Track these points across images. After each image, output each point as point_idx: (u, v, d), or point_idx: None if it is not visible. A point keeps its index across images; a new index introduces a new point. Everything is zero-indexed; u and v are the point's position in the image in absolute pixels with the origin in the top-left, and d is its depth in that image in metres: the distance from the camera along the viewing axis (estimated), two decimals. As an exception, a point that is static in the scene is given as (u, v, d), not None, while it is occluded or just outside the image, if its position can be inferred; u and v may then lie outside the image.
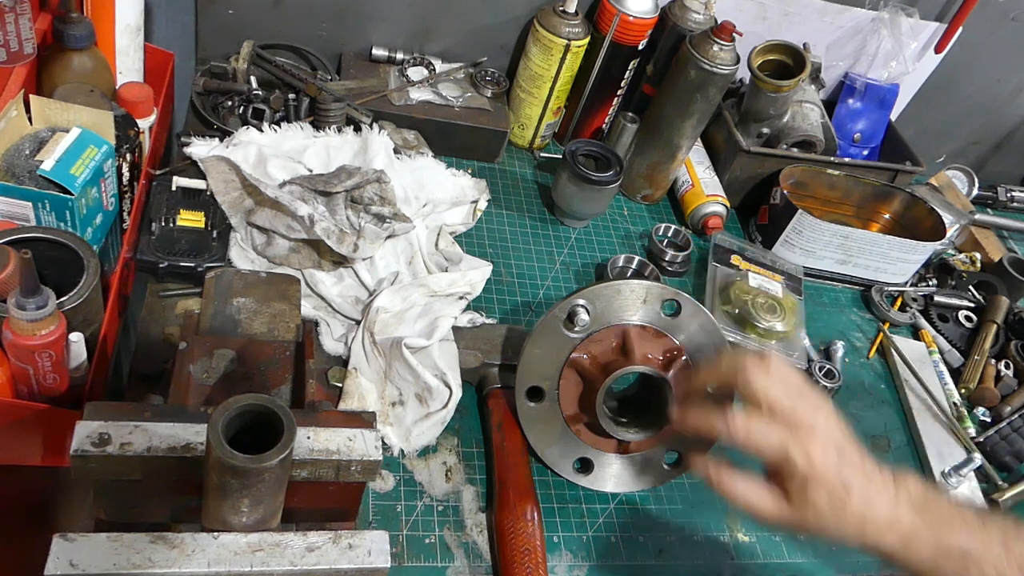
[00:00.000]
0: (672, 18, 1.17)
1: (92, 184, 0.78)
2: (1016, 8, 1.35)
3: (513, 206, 1.18)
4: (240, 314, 0.84)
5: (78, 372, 0.70)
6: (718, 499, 0.89)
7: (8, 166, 0.76)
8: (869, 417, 1.06)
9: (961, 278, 1.29)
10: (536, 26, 1.15)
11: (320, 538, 0.57)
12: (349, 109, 1.09)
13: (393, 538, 0.76)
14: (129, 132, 0.85)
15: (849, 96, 1.39)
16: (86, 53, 0.85)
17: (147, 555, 0.52)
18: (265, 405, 0.52)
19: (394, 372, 0.85)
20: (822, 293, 1.23)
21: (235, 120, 1.08)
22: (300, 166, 1.01)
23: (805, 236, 1.17)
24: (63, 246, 0.71)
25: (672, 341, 0.82)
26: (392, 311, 0.90)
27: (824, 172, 1.26)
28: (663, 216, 1.27)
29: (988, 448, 1.04)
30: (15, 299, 0.61)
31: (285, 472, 0.54)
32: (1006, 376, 1.15)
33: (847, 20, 1.32)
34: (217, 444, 0.49)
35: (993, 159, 1.63)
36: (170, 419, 0.57)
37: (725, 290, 1.11)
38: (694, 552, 0.85)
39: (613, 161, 1.14)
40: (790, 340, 1.08)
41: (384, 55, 1.21)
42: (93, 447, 0.54)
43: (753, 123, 1.26)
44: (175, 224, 0.90)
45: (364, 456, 0.60)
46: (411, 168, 1.07)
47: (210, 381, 0.75)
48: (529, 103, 1.22)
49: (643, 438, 0.83)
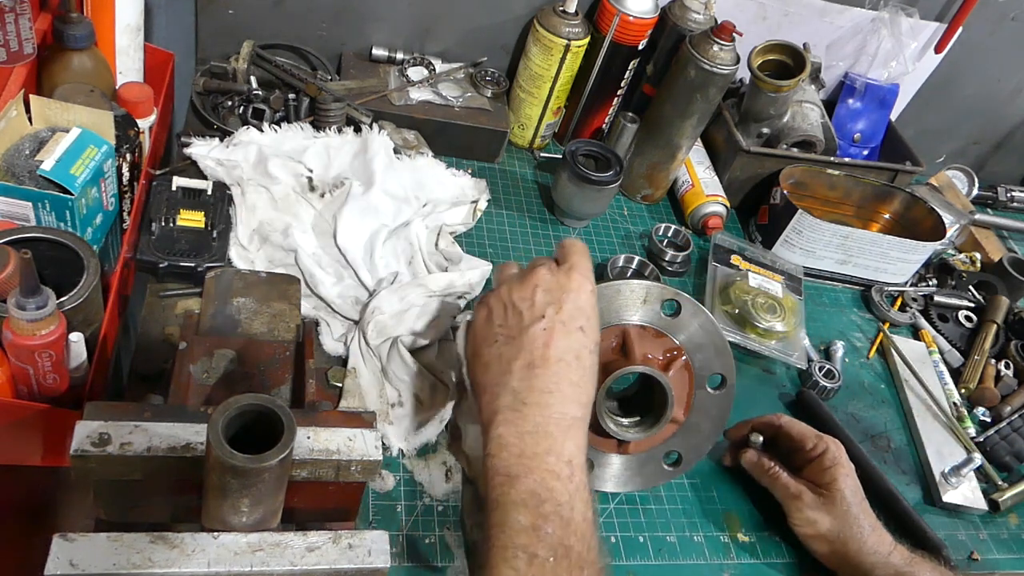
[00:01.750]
0: (672, 18, 1.17)
1: (92, 184, 0.78)
2: (1016, 8, 1.35)
3: (513, 206, 1.18)
4: (240, 314, 0.84)
5: (78, 372, 0.70)
6: (718, 499, 0.90)
7: (8, 166, 0.76)
8: (869, 417, 1.06)
9: (961, 278, 1.29)
10: (536, 26, 1.15)
11: (320, 538, 0.57)
12: (349, 109, 1.09)
13: (393, 538, 0.76)
14: (129, 132, 0.85)
15: (849, 96, 1.39)
16: (86, 53, 0.85)
17: (147, 555, 0.52)
18: (265, 405, 0.52)
19: (392, 372, 0.85)
20: (822, 293, 1.23)
21: (235, 120, 1.08)
22: (300, 166, 1.01)
23: (805, 236, 1.17)
24: (63, 246, 0.71)
25: (672, 341, 0.82)
26: (390, 311, 0.90)
27: (824, 172, 1.26)
28: (663, 216, 1.27)
29: (988, 448, 1.04)
30: (15, 299, 0.61)
31: (285, 472, 0.54)
32: (1006, 376, 1.15)
33: (847, 20, 1.32)
34: (217, 444, 0.49)
35: (993, 159, 1.63)
36: (170, 419, 0.57)
37: (725, 290, 1.11)
38: (694, 552, 0.85)
39: (613, 161, 1.14)
40: (790, 340, 1.08)
41: (384, 55, 1.21)
42: (93, 447, 0.54)
43: (753, 123, 1.26)
44: (175, 224, 0.90)
45: (364, 456, 0.60)
46: (411, 168, 1.07)
47: (210, 381, 0.75)
48: (529, 103, 1.22)
49: (643, 438, 0.83)
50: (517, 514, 0.55)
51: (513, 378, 0.62)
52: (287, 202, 0.98)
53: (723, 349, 0.83)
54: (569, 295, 0.65)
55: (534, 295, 0.65)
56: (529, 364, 0.62)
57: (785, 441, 0.87)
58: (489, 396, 0.62)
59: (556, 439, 0.59)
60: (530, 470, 0.57)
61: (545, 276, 0.66)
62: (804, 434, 0.86)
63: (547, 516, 0.54)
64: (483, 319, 0.67)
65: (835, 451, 0.85)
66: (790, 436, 0.86)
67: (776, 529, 0.88)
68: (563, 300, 0.65)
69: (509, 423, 0.60)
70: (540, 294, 0.65)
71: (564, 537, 0.54)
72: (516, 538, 0.53)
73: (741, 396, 0.93)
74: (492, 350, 0.65)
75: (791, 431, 0.86)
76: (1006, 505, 0.99)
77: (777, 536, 0.88)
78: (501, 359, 0.63)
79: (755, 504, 0.91)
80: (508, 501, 0.55)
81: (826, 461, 0.84)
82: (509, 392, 0.61)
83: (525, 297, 0.65)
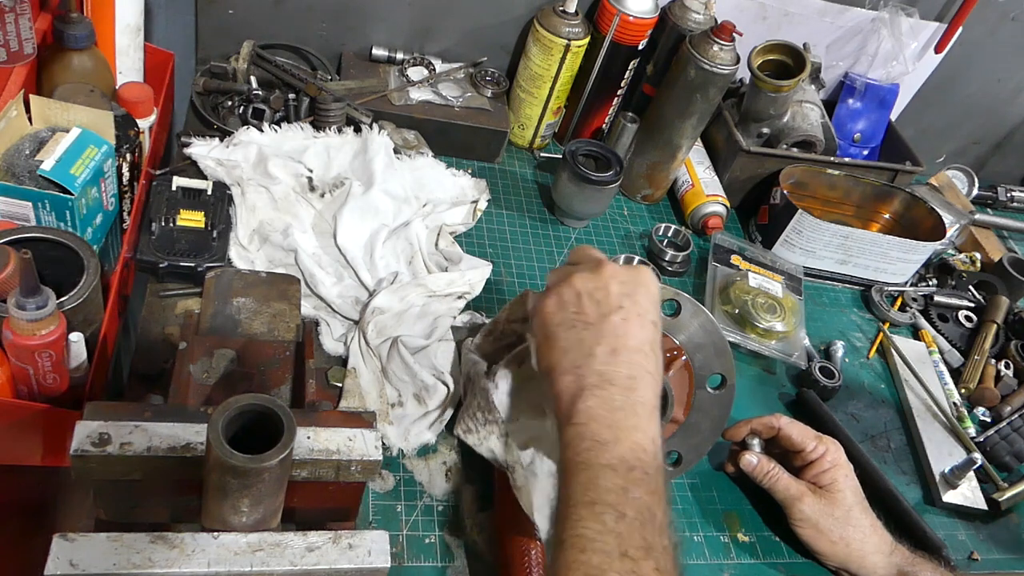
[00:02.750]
0: (672, 18, 1.17)
1: (92, 184, 0.78)
2: (1016, 8, 1.35)
3: (513, 206, 1.18)
4: (240, 314, 0.84)
5: (78, 372, 0.70)
6: (718, 499, 0.90)
7: (8, 166, 0.76)
8: (869, 417, 1.06)
9: (961, 278, 1.29)
10: (536, 26, 1.15)
11: (320, 538, 0.57)
12: (349, 109, 1.09)
13: (393, 538, 0.76)
14: (129, 132, 0.85)
15: (849, 96, 1.39)
16: (86, 53, 0.85)
17: (147, 555, 0.52)
18: (265, 405, 0.52)
19: (392, 372, 0.85)
20: (822, 293, 1.23)
21: (235, 120, 1.08)
22: (300, 166, 1.01)
23: (805, 236, 1.17)
24: (63, 246, 0.71)
25: (672, 341, 0.82)
26: (390, 311, 0.90)
27: (824, 172, 1.26)
28: (663, 216, 1.27)
29: (988, 448, 1.04)
30: (15, 299, 0.61)
31: (285, 472, 0.54)
32: (1006, 376, 1.15)
33: (847, 20, 1.32)
34: (217, 444, 0.49)
35: (993, 159, 1.63)
36: (170, 419, 0.57)
37: (725, 290, 1.11)
38: (694, 552, 0.85)
39: (613, 161, 1.14)
40: (790, 340, 1.08)
41: (384, 55, 1.21)
42: (93, 447, 0.54)
43: (753, 123, 1.26)
44: (175, 224, 0.90)
45: (364, 456, 0.60)
46: (411, 168, 1.07)
47: (210, 381, 0.76)
48: (529, 103, 1.22)
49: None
50: (608, 475, 0.57)
51: (596, 361, 0.63)
52: (287, 202, 0.98)
53: (723, 349, 0.83)
54: (641, 288, 0.67)
55: (609, 285, 0.67)
56: (613, 350, 0.64)
57: (785, 443, 0.87)
58: (572, 376, 0.64)
59: (642, 418, 0.61)
60: (620, 440, 0.59)
61: (617, 269, 0.68)
62: (804, 436, 0.86)
63: (636, 481, 0.57)
64: (554, 305, 0.68)
65: (835, 452, 0.85)
66: (790, 438, 0.86)
67: (776, 529, 0.89)
68: (637, 293, 0.67)
69: (598, 398, 0.61)
70: (616, 285, 0.67)
71: (650, 503, 0.56)
72: (606, 496, 0.56)
73: (741, 396, 0.93)
74: (571, 334, 0.65)
75: (791, 432, 0.86)
76: (1006, 505, 0.99)
77: (777, 536, 0.89)
78: (583, 343, 0.65)
79: (755, 504, 0.91)
80: (598, 463, 0.58)
81: (826, 462, 0.84)
82: (594, 373, 0.63)
83: (600, 287, 0.67)
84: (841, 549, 0.82)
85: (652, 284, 0.68)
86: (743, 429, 0.89)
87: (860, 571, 0.82)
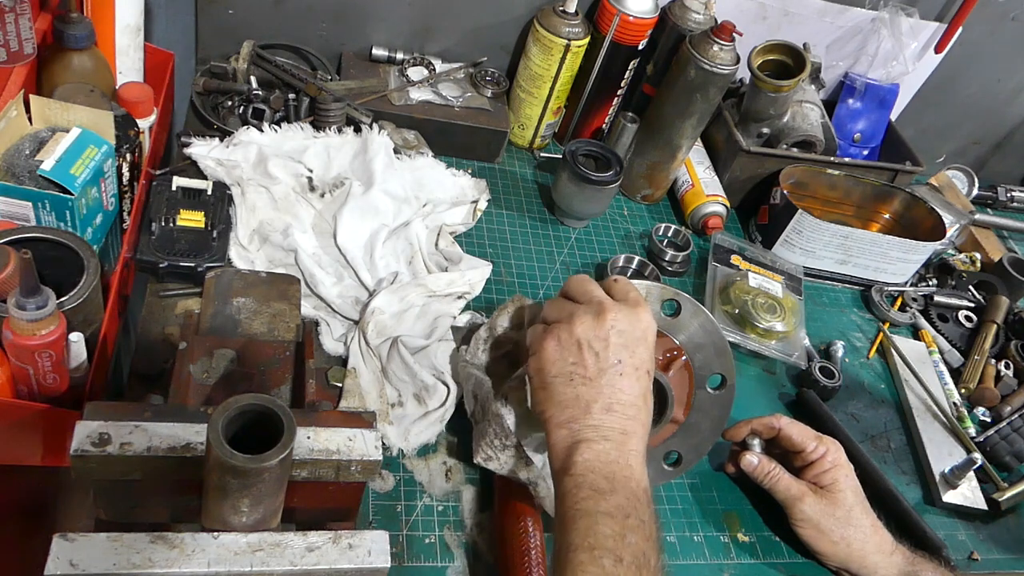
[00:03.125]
0: (672, 18, 1.17)
1: (92, 184, 0.78)
2: (1016, 8, 1.35)
3: (513, 206, 1.18)
4: (240, 314, 0.84)
5: (78, 372, 0.70)
6: (718, 499, 0.90)
7: (8, 166, 0.76)
8: (869, 417, 1.06)
9: (961, 278, 1.29)
10: (536, 26, 1.15)
11: (320, 538, 0.57)
12: (349, 109, 1.09)
13: (393, 538, 0.76)
14: (129, 132, 0.85)
15: (849, 96, 1.39)
16: (86, 53, 0.85)
17: (147, 555, 0.52)
18: (265, 405, 0.52)
19: (392, 372, 0.85)
20: (822, 293, 1.23)
21: (235, 120, 1.08)
22: (300, 166, 1.01)
23: (805, 236, 1.17)
24: (63, 246, 0.71)
25: (672, 341, 0.82)
26: (390, 312, 0.90)
27: (824, 172, 1.26)
28: (663, 216, 1.27)
29: (988, 448, 1.04)
30: (15, 299, 0.61)
31: (285, 472, 0.54)
32: (1006, 376, 1.15)
33: (847, 20, 1.32)
34: (217, 444, 0.49)
35: (993, 159, 1.63)
36: (170, 419, 0.57)
37: (725, 290, 1.11)
38: (694, 552, 0.85)
39: (613, 161, 1.14)
40: (790, 340, 1.08)
41: (384, 55, 1.21)
42: (93, 447, 0.54)
43: (753, 123, 1.26)
44: (175, 224, 0.90)
45: (364, 456, 0.60)
46: (411, 168, 1.07)
47: (210, 381, 0.76)
48: (529, 103, 1.22)
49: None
50: (606, 522, 0.61)
51: (592, 417, 0.68)
52: (287, 202, 0.98)
53: (723, 349, 0.83)
54: (640, 341, 0.71)
55: (609, 336, 0.69)
56: (608, 408, 0.68)
57: (785, 443, 0.87)
58: (567, 431, 0.68)
59: (635, 469, 0.66)
60: (616, 490, 0.64)
61: (619, 316, 0.70)
62: (804, 436, 0.86)
63: (632, 528, 0.61)
64: (553, 350, 0.70)
65: (835, 452, 0.85)
66: (790, 438, 0.86)
67: (776, 529, 0.89)
68: (636, 345, 0.70)
69: (594, 452, 0.66)
70: (615, 336, 0.70)
71: (645, 549, 0.61)
72: (604, 542, 0.60)
73: (741, 396, 0.93)
74: (569, 390, 0.69)
75: (791, 433, 0.86)
76: (1006, 505, 0.99)
77: (777, 536, 0.89)
78: (579, 400, 0.68)
79: (755, 504, 0.91)
80: (597, 511, 0.62)
81: (827, 463, 0.84)
82: (590, 428, 0.67)
83: (600, 337, 0.69)
84: (842, 549, 0.82)
85: (650, 333, 0.72)
86: (743, 429, 0.89)
87: (861, 571, 0.82)
